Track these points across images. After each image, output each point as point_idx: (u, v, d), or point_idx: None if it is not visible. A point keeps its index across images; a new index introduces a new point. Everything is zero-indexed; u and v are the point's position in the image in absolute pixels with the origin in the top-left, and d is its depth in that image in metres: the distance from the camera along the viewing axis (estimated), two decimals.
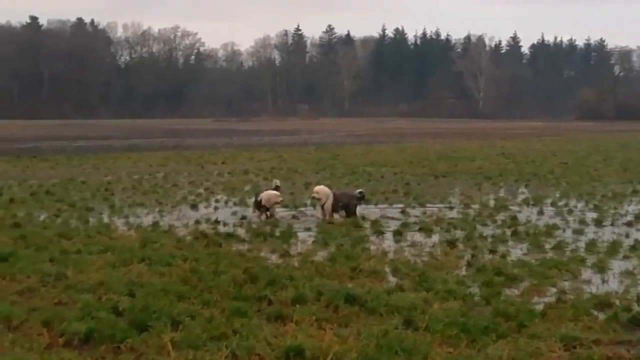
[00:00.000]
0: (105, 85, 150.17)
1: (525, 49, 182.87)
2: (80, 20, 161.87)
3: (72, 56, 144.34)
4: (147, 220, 16.42)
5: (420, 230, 15.05)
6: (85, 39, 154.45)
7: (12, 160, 35.74)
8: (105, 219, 16.56)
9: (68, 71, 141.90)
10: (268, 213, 16.81)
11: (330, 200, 16.70)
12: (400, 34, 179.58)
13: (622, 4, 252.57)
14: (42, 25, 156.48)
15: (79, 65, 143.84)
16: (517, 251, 12.83)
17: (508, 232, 14.63)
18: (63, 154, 41.25)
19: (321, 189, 16.98)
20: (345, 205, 16.92)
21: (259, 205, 16.89)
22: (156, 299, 8.95)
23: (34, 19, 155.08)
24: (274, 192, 17.19)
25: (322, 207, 16.81)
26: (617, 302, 9.31)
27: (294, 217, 17.21)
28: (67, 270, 10.60)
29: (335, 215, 16.76)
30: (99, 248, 12.48)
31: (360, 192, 17.54)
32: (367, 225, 15.69)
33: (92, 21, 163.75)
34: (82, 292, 9.51)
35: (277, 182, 18.61)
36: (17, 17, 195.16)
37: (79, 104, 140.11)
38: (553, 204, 19.20)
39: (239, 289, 9.67)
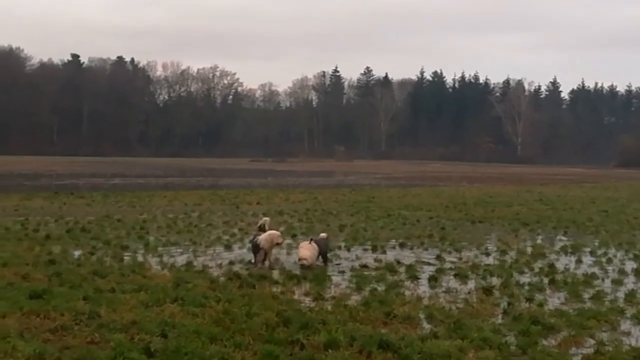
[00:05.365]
0: (143, 124, 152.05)
1: (565, 94, 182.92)
2: (120, 58, 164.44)
3: (111, 94, 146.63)
4: (181, 259, 16.40)
5: (455, 276, 14.84)
6: (125, 77, 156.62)
7: (50, 196, 36.03)
8: (140, 258, 16.54)
9: (107, 109, 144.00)
10: (267, 260, 15.99)
11: (315, 257, 15.91)
12: (438, 76, 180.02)
13: None
14: (83, 63, 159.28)
15: (118, 103, 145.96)
16: (554, 300, 12.60)
17: (545, 281, 14.38)
18: (99, 191, 41.55)
19: (309, 251, 15.88)
20: (322, 253, 16.38)
21: (256, 249, 16.11)
22: (188, 341, 8.91)
23: (75, 56, 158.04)
24: (275, 232, 16.52)
25: (304, 262, 15.69)
26: None
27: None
28: (100, 308, 10.58)
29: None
30: (133, 287, 12.45)
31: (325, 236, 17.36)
32: (401, 270, 15.51)
33: (132, 60, 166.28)
34: (114, 331, 9.49)
35: (266, 219, 17.80)
36: (59, 55, 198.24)
37: (117, 142, 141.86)
38: (592, 253, 18.88)
39: (272, 332, 9.59)
